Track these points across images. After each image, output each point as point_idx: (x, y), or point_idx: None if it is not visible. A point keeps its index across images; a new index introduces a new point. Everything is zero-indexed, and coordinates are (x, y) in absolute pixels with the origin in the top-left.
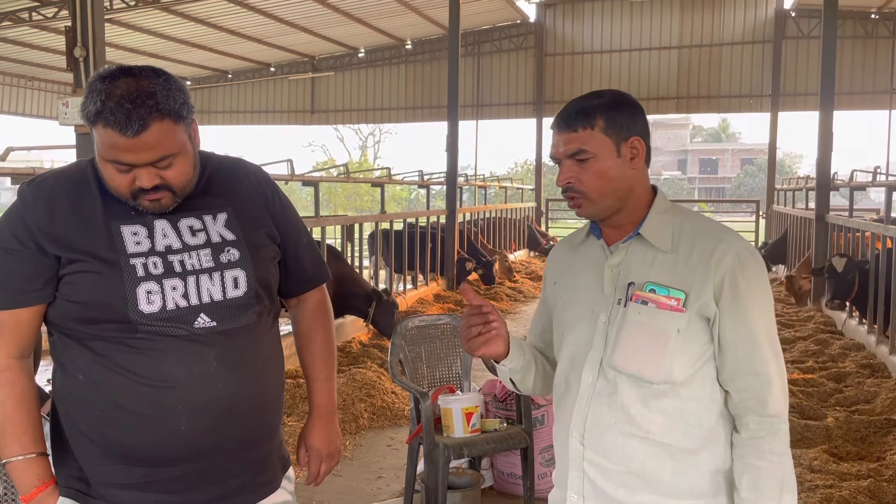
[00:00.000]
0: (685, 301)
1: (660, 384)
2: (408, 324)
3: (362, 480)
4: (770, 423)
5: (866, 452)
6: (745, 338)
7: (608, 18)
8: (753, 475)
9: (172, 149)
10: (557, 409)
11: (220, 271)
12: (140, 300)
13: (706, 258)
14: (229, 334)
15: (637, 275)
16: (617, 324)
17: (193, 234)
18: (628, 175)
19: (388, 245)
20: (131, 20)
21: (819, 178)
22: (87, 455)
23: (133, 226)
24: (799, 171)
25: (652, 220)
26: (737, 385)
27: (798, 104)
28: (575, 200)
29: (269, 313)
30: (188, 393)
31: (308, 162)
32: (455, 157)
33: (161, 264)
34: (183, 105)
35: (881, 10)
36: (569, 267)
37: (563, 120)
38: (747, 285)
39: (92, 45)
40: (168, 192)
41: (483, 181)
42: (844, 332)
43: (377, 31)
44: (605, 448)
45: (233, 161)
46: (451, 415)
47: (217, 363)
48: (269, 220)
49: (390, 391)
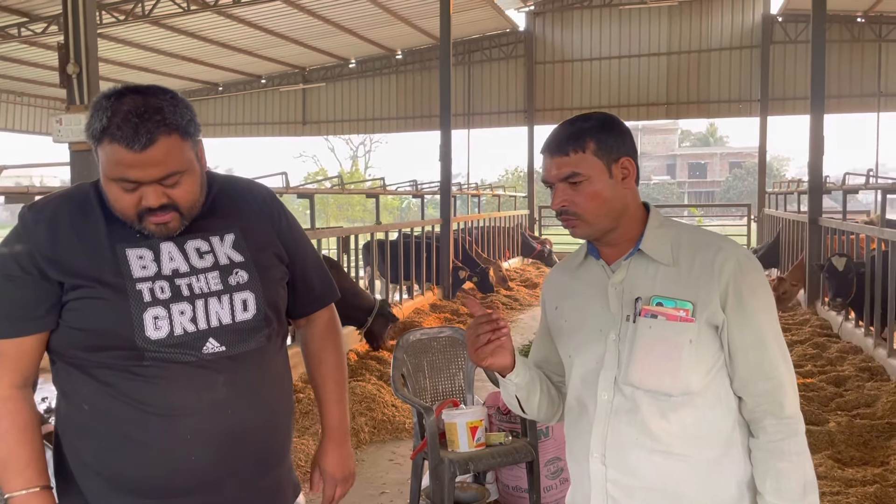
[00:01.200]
0: (693, 311)
1: (678, 396)
2: (409, 337)
3: (366, 497)
4: (787, 425)
5: (870, 457)
6: (754, 342)
7: (597, 26)
8: (776, 478)
9: (180, 166)
10: (572, 432)
11: (229, 294)
12: (147, 326)
13: (708, 267)
14: (238, 359)
15: (642, 290)
16: (628, 340)
17: (201, 256)
18: (621, 194)
19: (384, 255)
20: (121, 35)
21: (811, 182)
22: (92, 488)
23: (139, 249)
24: (787, 174)
25: (650, 236)
26: (750, 390)
27: (787, 108)
28: (570, 222)
29: (279, 335)
30: (197, 421)
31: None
32: (449, 166)
33: (168, 288)
34: (190, 122)
35: (867, 14)
36: (569, 290)
37: (555, 145)
38: (750, 290)
39: (85, 60)
40: (175, 212)
41: (476, 189)
42: (841, 336)
43: (367, 42)
44: (628, 466)
45: (238, 181)
46: (455, 429)
47: (226, 389)
48: (276, 239)
49: (391, 404)
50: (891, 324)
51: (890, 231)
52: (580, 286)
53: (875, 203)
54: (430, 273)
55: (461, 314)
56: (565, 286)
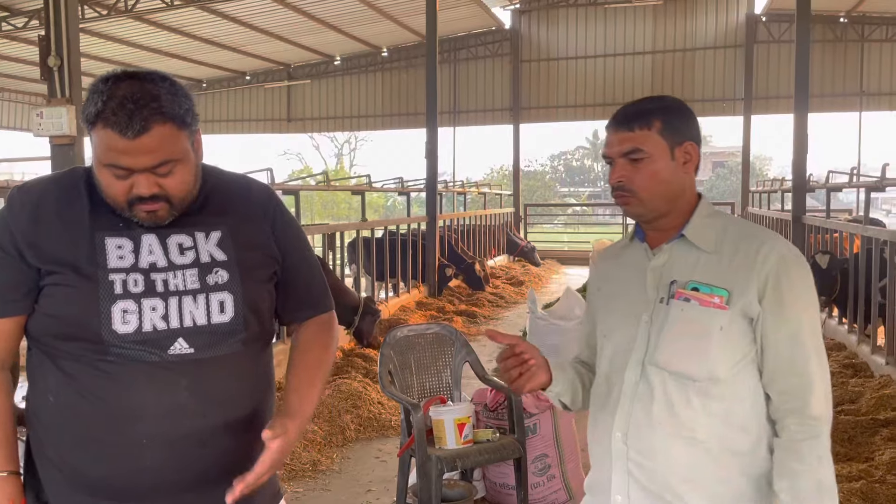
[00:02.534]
0: (728, 299)
1: (703, 381)
2: (396, 334)
3: (351, 494)
4: (811, 427)
5: (855, 453)
6: (787, 338)
7: (582, 24)
8: (791, 479)
9: (173, 154)
10: (598, 412)
11: (206, 294)
12: (115, 319)
13: (750, 258)
14: (206, 363)
15: (680, 274)
16: (659, 322)
17: (182, 252)
18: (680, 179)
19: (370, 253)
20: (104, 30)
21: (795, 180)
22: (52, 482)
23: (119, 238)
24: (769, 173)
25: (696, 223)
26: (778, 386)
27: (770, 107)
28: (624, 199)
29: (258, 340)
30: (155, 425)
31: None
32: (435, 163)
33: (142, 282)
34: (188, 112)
35: (850, 14)
36: (612, 273)
37: (621, 119)
38: (790, 285)
39: (66, 54)
40: (165, 203)
41: (462, 187)
42: (825, 333)
43: (353, 39)
44: (649, 448)
45: (236, 177)
46: (442, 426)
47: (188, 394)
48: (270, 240)
49: (376, 401)
50: (874, 321)
51: (873, 228)
52: (622, 268)
53: (857, 202)
54: (416, 271)
55: (447, 311)
56: (609, 268)
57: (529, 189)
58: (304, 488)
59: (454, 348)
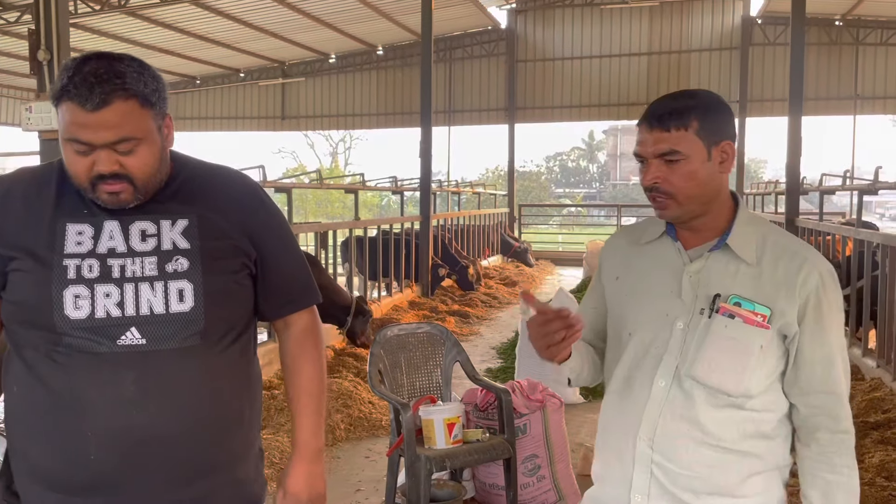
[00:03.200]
0: (770, 318)
1: (737, 397)
2: (387, 333)
3: (340, 494)
4: (841, 440)
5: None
6: (824, 358)
7: (578, 25)
8: (824, 488)
9: (135, 132)
10: (616, 414)
11: (164, 281)
12: (67, 304)
13: (792, 277)
14: (157, 356)
15: (719, 286)
16: (699, 333)
17: (143, 238)
18: (716, 179)
19: (363, 252)
20: (97, 25)
21: (789, 183)
22: (17, 471)
23: (80, 224)
24: (764, 175)
25: (738, 231)
26: (809, 401)
27: (765, 110)
28: (660, 202)
29: (224, 335)
30: (98, 418)
31: (278, 169)
32: (429, 163)
33: (98, 267)
34: (154, 92)
35: (845, 17)
36: (635, 264)
37: (656, 118)
38: (829, 307)
39: (56, 48)
40: (128, 184)
41: (456, 187)
42: None
43: (348, 37)
44: (675, 454)
45: (213, 168)
46: (432, 426)
47: (135, 388)
48: (241, 232)
49: (367, 401)
50: (866, 323)
51: (865, 231)
52: (648, 263)
53: (851, 205)
54: (409, 270)
55: (440, 311)
56: (631, 258)
57: (524, 189)
58: None
59: (445, 348)
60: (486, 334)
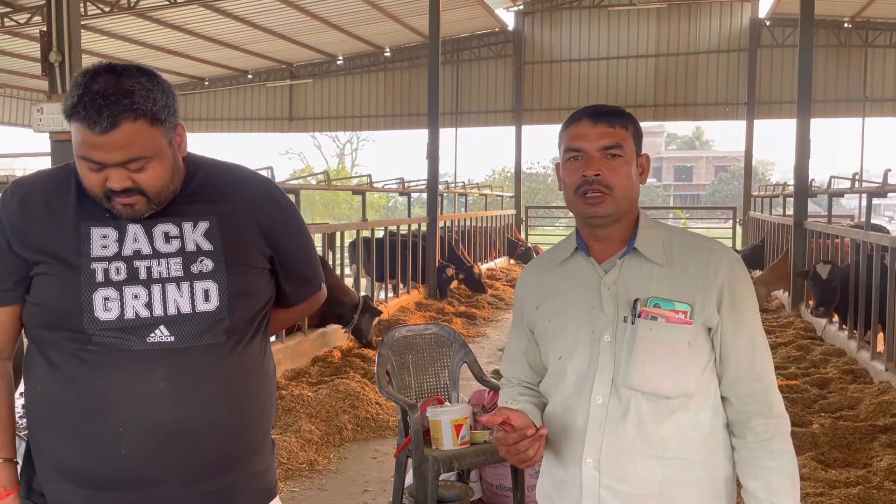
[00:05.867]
0: (692, 313)
1: (677, 398)
2: (394, 334)
3: (348, 495)
4: (776, 424)
5: (853, 459)
6: (746, 343)
7: (586, 27)
8: (765, 477)
9: (144, 151)
10: (560, 441)
11: (190, 282)
12: (96, 306)
13: (703, 269)
14: (186, 353)
15: (637, 290)
16: (626, 342)
17: (167, 240)
18: (637, 187)
19: (370, 253)
20: (106, 27)
21: (797, 185)
22: (42, 469)
23: (104, 228)
24: (772, 178)
25: (643, 235)
26: (738, 391)
27: (773, 112)
28: (599, 196)
29: (246, 332)
30: (129, 414)
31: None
32: (436, 164)
33: (125, 270)
34: (164, 108)
35: (853, 20)
36: (552, 288)
37: (600, 113)
38: (742, 292)
39: (68, 49)
40: (141, 196)
41: (463, 189)
42: (825, 338)
43: (356, 39)
44: (623, 472)
45: (229, 167)
46: (440, 427)
47: (165, 384)
48: (259, 232)
49: (374, 402)
50: (874, 327)
51: (875, 234)
52: (565, 284)
53: (859, 207)
54: (416, 271)
55: (447, 312)
56: (547, 284)
57: (531, 191)
58: (300, 488)
59: (452, 349)
60: (492, 336)
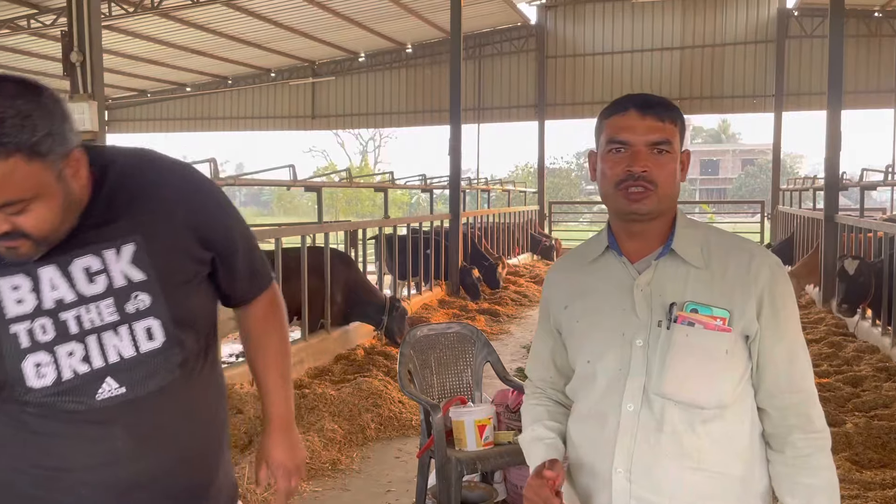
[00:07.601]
0: (730, 320)
1: (711, 409)
2: (416, 333)
3: (371, 495)
4: (815, 440)
5: (889, 460)
6: (785, 353)
7: (609, 20)
8: (806, 494)
9: (22, 193)
10: (588, 444)
11: (128, 324)
12: (28, 376)
13: (743, 274)
14: (141, 402)
15: (673, 294)
16: (661, 347)
17: (91, 279)
18: (679, 185)
19: (392, 250)
20: (130, 27)
21: (828, 178)
22: None
23: (12, 277)
24: (800, 171)
25: (680, 235)
26: (776, 403)
27: (802, 104)
28: (643, 192)
29: (198, 356)
30: (90, 476)
31: (309, 167)
32: (458, 160)
33: (52, 327)
34: (47, 137)
35: (884, 9)
36: (582, 288)
37: (649, 104)
38: (783, 300)
39: (89, 49)
40: (25, 239)
41: (486, 184)
42: (857, 335)
43: (377, 35)
44: (656, 482)
45: (142, 162)
46: (463, 427)
47: (127, 438)
48: (192, 236)
49: (397, 400)
50: None
51: None
52: (595, 284)
53: (892, 200)
54: (439, 269)
55: (469, 310)
56: (576, 283)
57: (554, 186)
58: (322, 487)
59: (475, 348)
60: (516, 333)
